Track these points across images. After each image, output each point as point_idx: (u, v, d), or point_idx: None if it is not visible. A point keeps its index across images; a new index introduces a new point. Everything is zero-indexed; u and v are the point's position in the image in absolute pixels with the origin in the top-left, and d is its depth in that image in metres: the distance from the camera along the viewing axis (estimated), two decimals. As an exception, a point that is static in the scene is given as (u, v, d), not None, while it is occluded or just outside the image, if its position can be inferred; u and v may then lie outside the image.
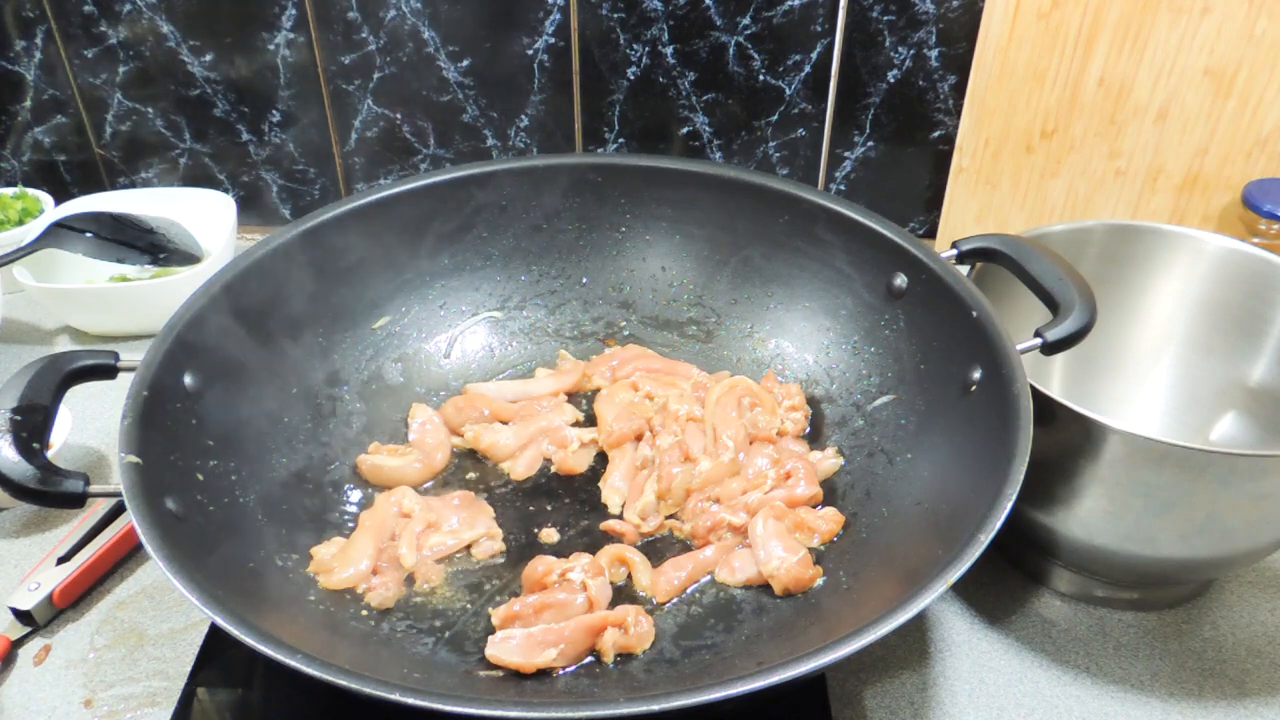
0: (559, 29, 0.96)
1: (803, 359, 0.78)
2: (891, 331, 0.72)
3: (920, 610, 0.48)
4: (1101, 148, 0.93)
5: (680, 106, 1.00)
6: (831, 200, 0.74)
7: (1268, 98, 0.88)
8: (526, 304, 0.82)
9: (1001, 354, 0.60)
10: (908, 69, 0.95)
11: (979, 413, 0.61)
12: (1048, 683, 0.64)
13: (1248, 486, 0.57)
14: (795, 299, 0.78)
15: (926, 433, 0.67)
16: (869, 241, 0.73)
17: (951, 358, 0.66)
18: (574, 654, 0.58)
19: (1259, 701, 0.63)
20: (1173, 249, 0.75)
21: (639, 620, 0.59)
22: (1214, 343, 0.75)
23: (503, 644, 0.58)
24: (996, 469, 0.54)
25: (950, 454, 0.64)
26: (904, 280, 0.71)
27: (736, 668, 0.57)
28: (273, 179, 1.09)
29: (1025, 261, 0.66)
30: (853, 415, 0.74)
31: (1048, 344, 0.61)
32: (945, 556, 0.50)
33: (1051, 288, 0.64)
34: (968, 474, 0.59)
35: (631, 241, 0.82)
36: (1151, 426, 0.76)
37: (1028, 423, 0.55)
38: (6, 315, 0.97)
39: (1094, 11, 0.86)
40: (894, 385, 0.72)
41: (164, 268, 0.97)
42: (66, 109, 1.06)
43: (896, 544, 0.63)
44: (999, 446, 0.55)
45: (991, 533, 0.50)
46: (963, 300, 0.65)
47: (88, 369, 0.60)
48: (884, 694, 0.63)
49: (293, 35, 0.99)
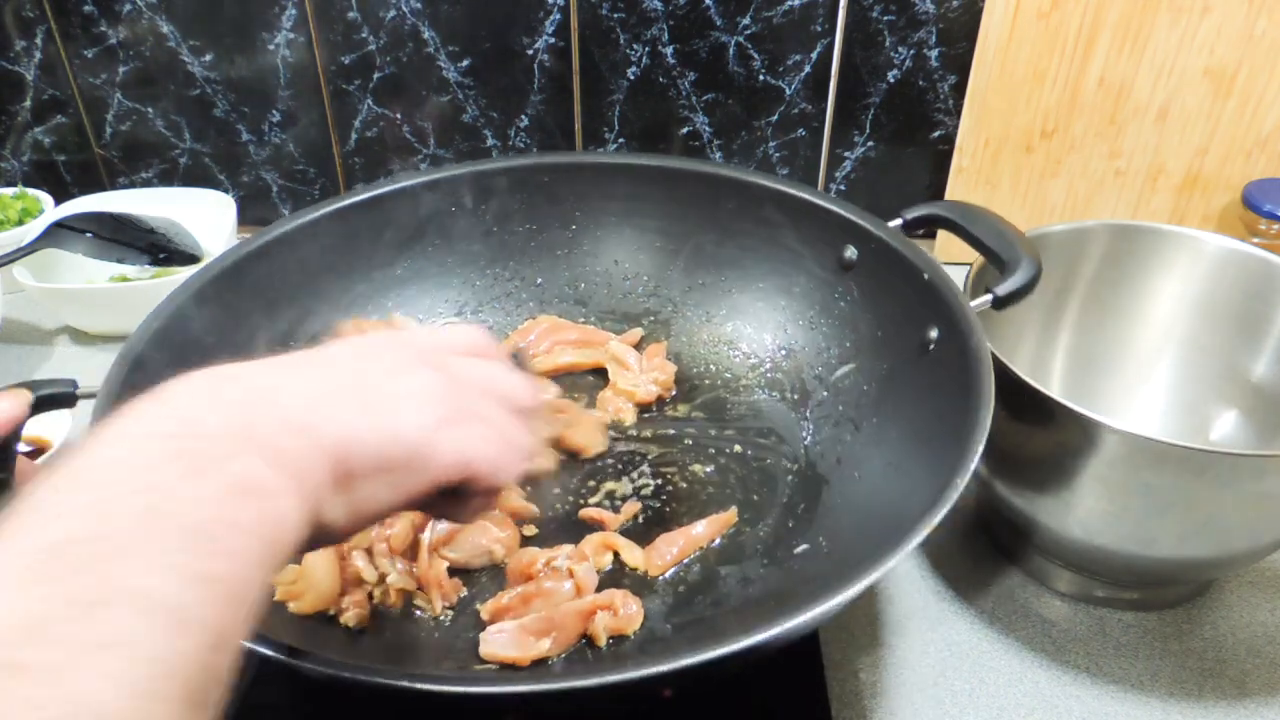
0: (559, 29, 0.96)
1: (760, 339, 0.79)
2: (846, 303, 0.74)
3: (904, 553, 0.47)
4: (1101, 148, 0.93)
5: (680, 106, 1.00)
6: (776, 181, 0.76)
7: (1268, 98, 0.88)
8: (483, 308, 0.82)
9: (957, 311, 0.62)
10: (908, 69, 0.95)
11: (940, 369, 0.63)
12: (1048, 683, 0.64)
13: (1248, 486, 0.57)
14: (749, 281, 0.80)
15: (890, 396, 0.69)
16: (816, 218, 0.74)
17: (907, 321, 0.67)
18: (567, 641, 0.59)
19: (1259, 701, 0.63)
20: (1173, 249, 0.75)
21: (627, 602, 0.60)
22: (1214, 343, 0.75)
23: (495, 639, 0.58)
24: (964, 422, 0.55)
25: (916, 412, 0.65)
26: (854, 252, 0.72)
27: (730, 637, 0.57)
28: (273, 179, 1.09)
29: (970, 224, 0.68)
30: (816, 388, 0.75)
31: (998, 299, 0.63)
32: (922, 507, 0.50)
33: (997, 247, 0.66)
34: (936, 429, 0.60)
35: (582, 238, 0.82)
36: (1151, 426, 0.76)
37: (989, 373, 0.57)
38: (6, 315, 0.97)
39: (1094, 11, 0.86)
40: (853, 355, 0.73)
41: (164, 268, 0.97)
42: (66, 109, 1.06)
43: (873, 505, 0.64)
44: (964, 400, 0.57)
45: (966, 475, 0.51)
46: (913, 265, 0.67)
47: (45, 399, 0.57)
48: (883, 694, 0.63)
49: (293, 35, 0.99)
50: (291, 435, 0.36)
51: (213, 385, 0.36)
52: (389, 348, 0.43)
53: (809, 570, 0.63)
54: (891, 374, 0.69)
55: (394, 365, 0.41)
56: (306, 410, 0.37)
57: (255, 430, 0.35)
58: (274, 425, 0.35)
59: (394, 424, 0.39)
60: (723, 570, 0.65)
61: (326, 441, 0.36)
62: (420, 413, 0.40)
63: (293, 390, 0.38)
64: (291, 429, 0.36)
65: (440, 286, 0.81)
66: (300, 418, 0.36)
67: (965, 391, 0.57)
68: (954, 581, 0.71)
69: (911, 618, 0.68)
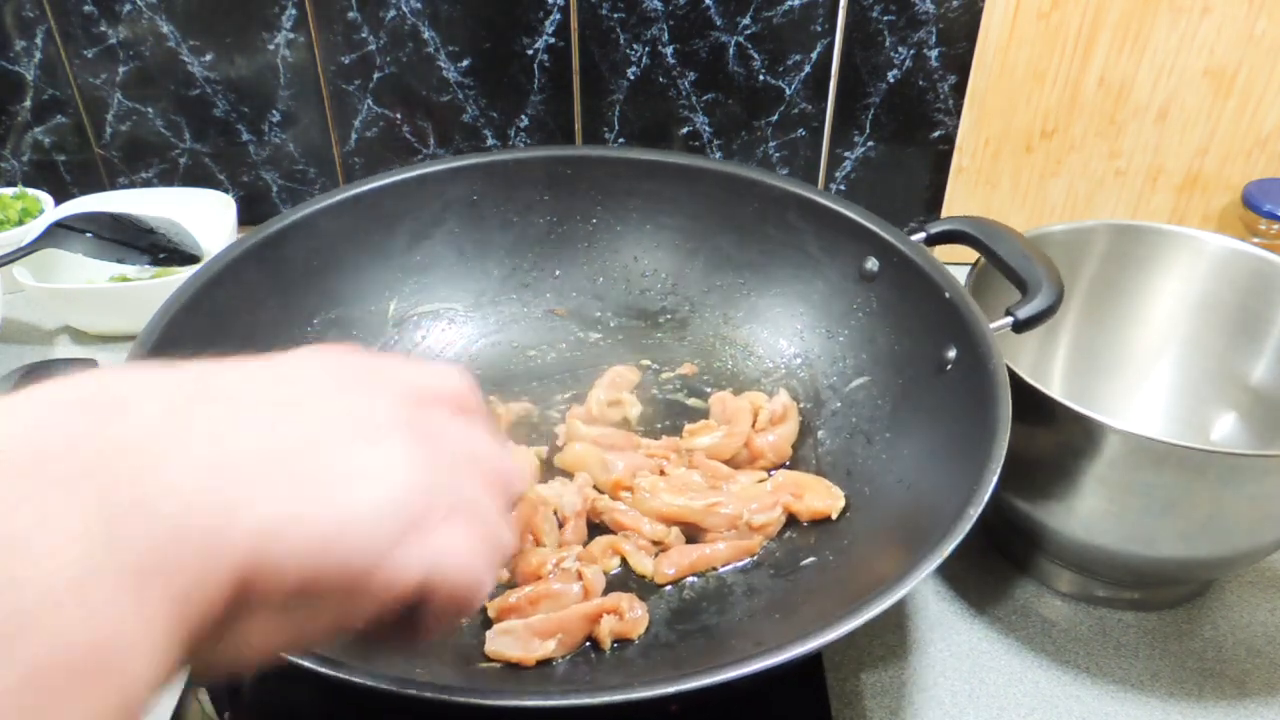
0: (559, 29, 0.96)
1: (777, 344, 0.79)
2: (865, 314, 0.74)
3: (915, 583, 0.48)
4: (1101, 148, 0.93)
5: (680, 106, 1.00)
6: (800, 186, 0.76)
7: (1268, 98, 0.88)
8: (500, 298, 0.82)
9: (976, 332, 0.62)
10: (908, 69, 0.95)
11: (956, 390, 0.63)
12: (1048, 683, 0.64)
13: (1248, 486, 0.57)
14: (768, 285, 0.80)
15: (904, 412, 0.69)
16: (839, 227, 0.74)
17: (926, 337, 0.67)
18: (572, 643, 0.59)
19: (1259, 701, 0.63)
20: (1174, 249, 0.75)
21: (633, 606, 0.60)
22: (1215, 342, 0.75)
23: (500, 638, 0.58)
24: (979, 445, 0.55)
25: (930, 431, 0.65)
26: (875, 264, 0.72)
27: (732, 648, 0.57)
28: (273, 179, 1.09)
29: (993, 243, 0.68)
30: (830, 398, 0.75)
31: (1018, 322, 0.63)
32: (935, 532, 0.50)
33: (1019, 267, 0.65)
34: (949, 451, 0.60)
35: (602, 233, 0.82)
36: (1152, 426, 0.76)
37: (1006, 397, 0.57)
38: (6, 315, 0.97)
39: (1094, 11, 0.86)
40: (869, 367, 0.73)
41: (164, 268, 0.97)
42: (66, 109, 1.06)
43: (882, 521, 0.64)
44: (980, 423, 0.56)
45: (979, 506, 0.51)
46: (935, 282, 0.66)
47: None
48: (883, 694, 0.63)
49: (293, 35, 0.99)
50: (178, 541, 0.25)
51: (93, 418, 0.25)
52: (359, 385, 0.32)
53: (814, 583, 0.62)
54: (906, 390, 0.69)
55: (358, 422, 0.30)
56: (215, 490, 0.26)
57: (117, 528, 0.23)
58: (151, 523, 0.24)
59: (341, 524, 0.28)
60: (729, 579, 0.64)
61: (232, 555, 0.25)
62: (380, 509, 0.29)
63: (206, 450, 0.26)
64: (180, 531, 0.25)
65: (459, 275, 0.81)
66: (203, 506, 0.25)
67: (982, 414, 0.56)
68: (954, 582, 0.71)
69: (911, 618, 0.68)
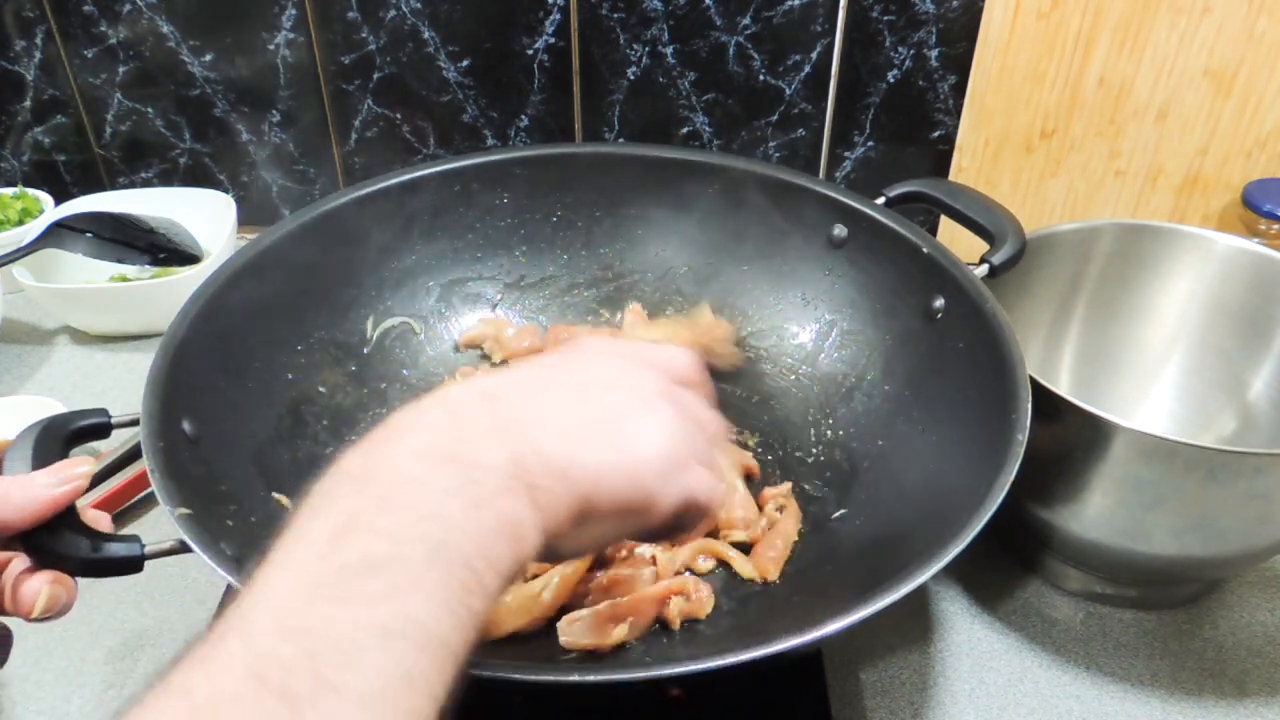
0: (559, 29, 0.96)
1: (758, 317, 0.80)
2: (839, 280, 0.76)
3: (934, 571, 0.48)
4: (1101, 148, 0.93)
5: (680, 106, 1.00)
6: (757, 165, 0.78)
7: (1268, 98, 0.88)
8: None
9: (963, 279, 0.65)
10: (908, 69, 0.95)
11: (950, 335, 0.65)
12: (1048, 683, 0.64)
13: (1255, 485, 0.57)
14: (738, 263, 0.81)
15: (897, 360, 0.71)
16: (800, 198, 0.76)
17: (909, 292, 0.70)
18: (643, 625, 0.60)
19: (1259, 701, 0.63)
20: (1181, 248, 0.75)
21: (698, 587, 0.62)
22: (1222, 341, 0.75)
23: (572, 626, 0.59)
24: (995, 393, 0.57)
25: (927, 381, 0.67)
26: (843, 230, 0.74)
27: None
28: (273, 179, 1.09)
29: (952, 199, 0.71)
30: (824, 367, 0.76)
31: (994, 267, 0.66)
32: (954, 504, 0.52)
33: (982, 219, 0.69)
34: (965, 400, 0.62)
35: (566, 229, 0.83)
36: (1160, 424, 0.77)
37: (1012, 338, 0.59)
38: (6, 315, 0.97)
39: (1094, 11, 0.86)
40: (857, 329, 0.75)
41: (164, 268, 0.97)
42: (66, 109, 1.06)
43: (898, 491, 0.65)
44: (985, 371, 0.59)
45: (1012, 472, 0.51)
46: (908, 240, 0.69)
47: (85, 429, 0.56)
48: (883, 693, 0.63)
49: (293, 35, 0.99)
50: (550, 477, 0.37)
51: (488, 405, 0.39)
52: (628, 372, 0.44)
53: (849, 547, 0.65)
54: (898, 342, 0.71)
55: (638, 398, 0.42)
56: (564, 447, 0.38)
57: (522, 466, 0.36)
58: (537, 463, 0.37)
59: (637, 469, 0.40)
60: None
61: (577, 487, 0.38)
62: (663, 458, 0.41)
63: (553, 423, 0.39)
64: (551, 470, 0.37)
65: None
66: (559, 457, 0.38)
67: (985, 361, 0.59)
68: (954, 581, 0.71)
69: (911, 617, 0.68)
